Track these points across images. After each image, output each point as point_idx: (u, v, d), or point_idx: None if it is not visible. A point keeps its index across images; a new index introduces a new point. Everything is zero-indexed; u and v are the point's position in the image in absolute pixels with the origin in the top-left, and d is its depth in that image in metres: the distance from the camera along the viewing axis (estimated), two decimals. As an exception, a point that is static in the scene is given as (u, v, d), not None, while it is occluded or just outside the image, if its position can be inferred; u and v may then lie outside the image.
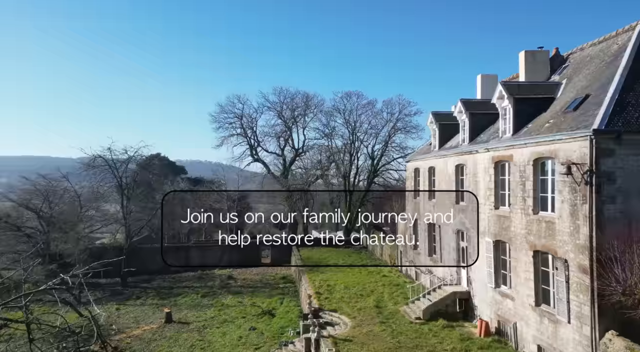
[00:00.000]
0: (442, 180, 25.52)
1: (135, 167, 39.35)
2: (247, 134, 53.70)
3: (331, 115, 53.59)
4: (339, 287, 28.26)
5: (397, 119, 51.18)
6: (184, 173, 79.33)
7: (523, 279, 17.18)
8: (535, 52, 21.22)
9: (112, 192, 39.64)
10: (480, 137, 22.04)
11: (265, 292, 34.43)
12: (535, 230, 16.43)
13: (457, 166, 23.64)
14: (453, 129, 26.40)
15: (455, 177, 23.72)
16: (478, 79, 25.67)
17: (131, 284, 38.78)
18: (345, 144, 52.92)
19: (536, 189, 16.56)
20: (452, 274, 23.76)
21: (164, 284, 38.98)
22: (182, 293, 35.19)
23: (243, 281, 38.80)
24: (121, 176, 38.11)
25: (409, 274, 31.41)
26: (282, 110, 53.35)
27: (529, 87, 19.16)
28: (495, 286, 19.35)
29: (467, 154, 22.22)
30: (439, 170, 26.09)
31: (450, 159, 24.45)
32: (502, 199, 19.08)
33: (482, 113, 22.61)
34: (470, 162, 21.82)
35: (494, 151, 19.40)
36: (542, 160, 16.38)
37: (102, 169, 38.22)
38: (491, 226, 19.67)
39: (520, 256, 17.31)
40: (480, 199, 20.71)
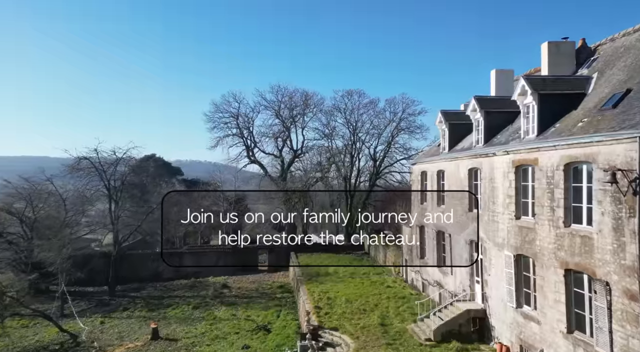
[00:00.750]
0: (453, 185, 23.34)
1: (125, 169, 37.08)
2: (244, 135, 51.41)
3: (331, 115, 51.37)
4: (340, 301, 26.09)
5: (401, 119, 49.01)
6: (180, 174, 77.27)
7: (552, 300, 15.01)
8: (559, 43, 19.03)
9: (100, 195, 37.42)
10: (497, 138, 19.88)
11: (261, 303, 32.24)
12: (567, 245, 14.26)
13: (470, 170, 21.47)
14: (464, 130, 24.30)
15: (468, 181, 21.55)
16: (492, 74, 23.48)
17: (119, 293, 36.61)
18: (346, 144, 50.73)
19: (567, 198, 14.39)
20: (465, 288, 21.60)
21: (155, 293, 36.80)
22: (173, 304, 32.99)
23: (238, 290, 36.58)
24: (109, 179, 35.90)
25: (414, 285, 29.26)
26: (279, 109, 51.07)
27: (555, 82, 16.97)
28: (517, 305, 17.18)
29: (482, 156, 20.05)
30: (449, 174, 23.91)
31: (462, 162, 22.28)
32: (525, 208, 16.92)
33: (498, 111, 20.45)
34: (486, 165, 19.65)
35: (515, 154, 17.24)
36: (575, 165, 14.20)
37: (89, 172, 36.00)
38: (511, 237, 17.50)
39: (548, 274, 15.14)
40: (497, 207, 18.57)
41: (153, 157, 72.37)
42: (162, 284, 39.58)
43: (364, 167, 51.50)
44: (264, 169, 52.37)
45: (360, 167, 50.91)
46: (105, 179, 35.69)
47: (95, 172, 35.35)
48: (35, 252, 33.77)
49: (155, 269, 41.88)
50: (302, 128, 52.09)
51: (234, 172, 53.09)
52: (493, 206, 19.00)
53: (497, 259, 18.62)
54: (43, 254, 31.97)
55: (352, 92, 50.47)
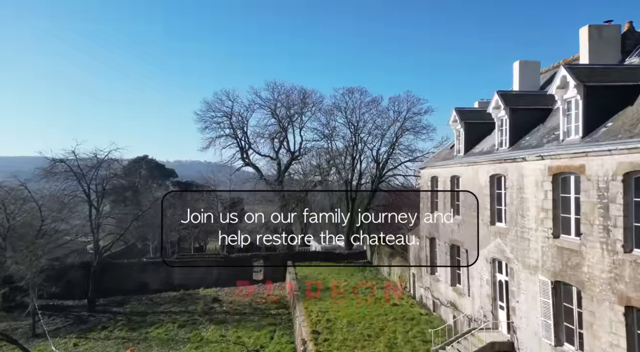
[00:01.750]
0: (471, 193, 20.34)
1: (107, 173, 34.06)
2: (237, 135, 48.15)
3: (331, 114, 48.14)
4: (341, 323, 23.11)
5: (405, 118, 45.88)
6: (174, 176, 74.37)
7: (605, 343, 12.04)
8: (601, 27, 16.11)
9: (79, 201, 34.41)
10: (525, 140, 16.91)
11: (254, 321, 29.26)
12: (628, 276, 11.31)
13: (492, 177, 18.50)
14: (483, 130, 21.38)
15: (490, 190, 18.57)
16: (515, 67, 20.48)
17: (100, 307, 33.63)
18: (346, 146, 47.63)
19: (628, 216, 11.44)
20: (486, 314, 18.62)
21: (139, 308, 33.76)
22: (157, 322, 29.99)
23: (230, 304, 33.58)
24: (89, 184, 32.93)
25: (424, 303, 26.28)
26: (275, 108, 47.81)
27: (606, 72, 13.99)
28: (556, 343, 14.20)
29: (507, 161, 17.08)
30: (466, 180, 20.92)
31: (482, 167, 19.31)
32: (566, 225, 13.96)
33: (526, 109, 17.49)
34: (513, 172, 16.68)
35: (552, 159, 14.27)
36: (638, 175, 11.26)
37: (68, 175, 33.00)
38: (547, 260, 14.53)
39: (601, 310, 12.18)
40: (528, 222, 15.61)
41: (145, 159, 69.50)
42: (148, 296, 36.57)
43: (365, 169, 48.47)
44: (259, 171, 49.20)
45: (362, 169, 47.84)
46: (84, 184, 32.71)
47: (74, 177, 32.35)
48: (8, 264, 30.84)
49: (142, 280, 39.13)
50: (299, 128, 48.97)
51: (231, 173, 50.11)
52: (522, 220, 16.04)
53: (528, 283, 15.65)
54: (14, 266, 28.97)
55: (353, 89, 47.42)
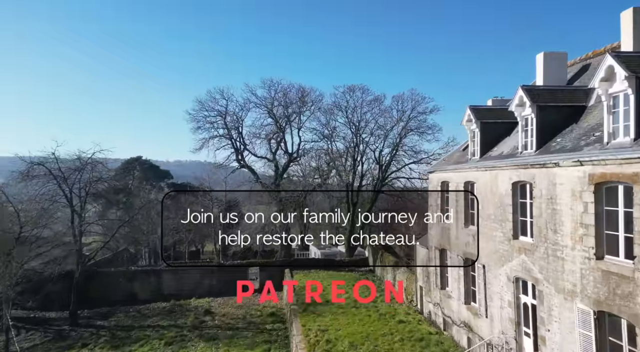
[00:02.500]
0: (488, 202, 18.08)
1: (91, 176, 31.73)
2: (232, 136, 45.70)
3: (331, 114, 45.67)
4: (342, 345, 20.80)
5: (410, 118, 43.49)
6: (169, 178, 72.17)
7: (671, 395, 9.76)
8: (649, 11, 13.81)
9: (61, 206, 32.07)
10: (557, 142, 14.62)
11: (247, 337, 26.96)
12: None
13: (515, 184, 16.21)
14: (501, 130, 19.18)
15: (512, 199, 16.28)
16: (539, 59, 18.16)
17: (83, 321, 31.32)
18: (347, 147, 45.26)
19: (703, 239, 9.14)
20: (508, 340, 16.34)
21: (125, 321, 31.44)
22: (143, 338, 27.66)
23: (222, 317, 31.28)
24: (71, 188, 30.63)
25: (433, 321, 23.99)
26: (272, 107, 45.36)
27: (662, 60, 11.69)
28: (601, 386, 11.92)
29: (535, 167, 14.78)
30: (483, 187, 18.61)
31: (502, 172, 17.01)
32: (612, 245, 11.67)
33: (557, 106, 15.22)
34: (542, 179, 14.39)
35: (595, 165, 11.98)
36: None
37: (49, 179, 30.66)
38: (588, 284, 12.24)
39: (665, 352, 9.90)
40: (562, 239, 13.32)
41: (139, 160, 67.38)
42: (136, 308, 34.31)
43: (367, 170, 46.02)
44: (255, 174, 46.75)
45: (363, 172, 45.39)
46: (66, 188, 30.42)
47: (54, 181, 30.06)
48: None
49: (130, 289, 36.91)
50: (298, 128, 46.43)
51: (226, 175, 47.81)
52: (554, 236, 13.74)
53: (563, 310, 13.36)
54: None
55: (354, 87, 44.99)
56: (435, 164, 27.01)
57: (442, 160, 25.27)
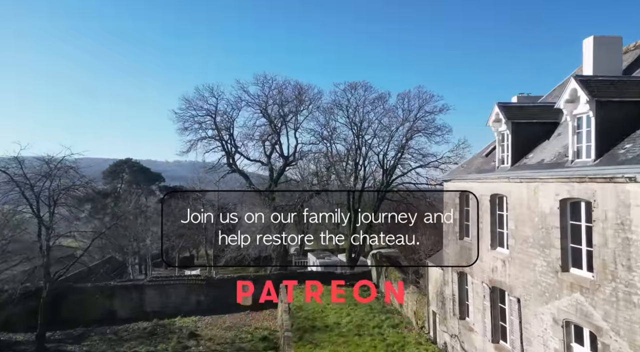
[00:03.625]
0: (524, 221, 14.62)
1: (60, 183, 28.27)
2: (223, 137, 42.07)
3: (331, 113, 41.97)
4: (344, 389, 17.40)
5: (417, 118, 39.84)
6: (161, 180, 68.84)
7: None
8: None
9: (28, 217, 28.67)
10: (625, 149, 11.17)
11: (234, 368, 23.59)
12: None
13: (563, 202, 12.75)
14: (538, 133, 15.77)
15: (561, 221, 12.82)
16: (587, 44, 14.67)
17: (52, 346, 27.82)
18: (348, 149, 41.75)
19: None
20: (555, 400, 12.88)
21: (99, 346, 27.92)
22: (116, 369, 24.32)
23: (208, 341, 27.87)
24: (38, 197, 27.21)
25: None
26: (266, 106, 41.76)
27: None
28: None
29: (595, 181, 11.35)
30: (517, 203, 15.13)
31: (545, 186, 13.55)
32: None
33: (622, 102, 11.79)
34: (607, 198, 10.94)
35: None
36: None
37: (12, 188, 27.24)
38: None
39: None
40: None
41: (128, 162, 64.07)
42: (114, 328, 30.84)
43: (370, 176, 42.48)
44: (248, 179, 43.12)
45: (365, 176, 41.82)
46: (32, 197, 27.01)
47: (17, 189, 26.64)
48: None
49: (109, 307, 33.50)
50: (294, 129, 42.63)
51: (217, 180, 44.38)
52: (628, 275, 10.32)
53: (641, 376, 9.91)
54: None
55: (355, 85, 41.28)
56: (451, 171, 23.53)
57: (460, 167, 21.81)
